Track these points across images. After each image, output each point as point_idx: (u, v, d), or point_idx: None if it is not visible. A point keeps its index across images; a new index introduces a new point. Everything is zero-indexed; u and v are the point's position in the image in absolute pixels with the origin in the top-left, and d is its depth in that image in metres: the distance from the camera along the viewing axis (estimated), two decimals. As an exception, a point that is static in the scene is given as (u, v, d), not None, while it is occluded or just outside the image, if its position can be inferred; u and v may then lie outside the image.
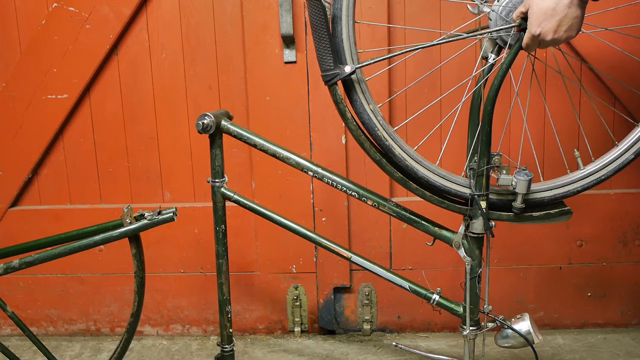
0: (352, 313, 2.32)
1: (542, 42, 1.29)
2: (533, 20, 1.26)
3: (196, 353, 2.23)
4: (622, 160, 1.46)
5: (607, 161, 1.47)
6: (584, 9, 1.25)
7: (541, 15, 1.25)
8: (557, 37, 1.27)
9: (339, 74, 1.41)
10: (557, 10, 1.23)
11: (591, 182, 1.48)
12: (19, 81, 2.21)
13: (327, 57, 1.40)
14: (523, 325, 1.53)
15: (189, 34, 2.19)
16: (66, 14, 2.15)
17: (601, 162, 1.48)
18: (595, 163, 1.48)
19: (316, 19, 1.39)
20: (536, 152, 2.16)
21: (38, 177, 2.31)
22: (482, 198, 1.46)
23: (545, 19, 1.24)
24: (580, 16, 1.25)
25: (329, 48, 1.39)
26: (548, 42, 1.28)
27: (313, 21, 1.40)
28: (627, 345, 2.15)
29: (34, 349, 2.27)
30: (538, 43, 1.30)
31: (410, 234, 2.21)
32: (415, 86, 2.15)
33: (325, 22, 1.38)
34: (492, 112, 1.41)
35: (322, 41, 1.39)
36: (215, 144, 1.58)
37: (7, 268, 1.65)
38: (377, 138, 1.45)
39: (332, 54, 1.40)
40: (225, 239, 1.64)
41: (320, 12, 1.37)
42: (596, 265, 2.23)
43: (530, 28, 1.28)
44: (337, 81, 1.42)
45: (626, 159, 1.45)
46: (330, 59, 1.40)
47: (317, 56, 1.42)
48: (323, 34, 1.38)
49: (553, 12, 1.23)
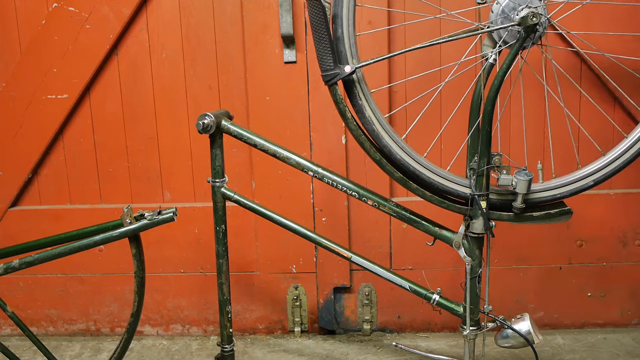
0: (352, 313, 2.32)
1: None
2: None
3: (196, 353, 2.23)
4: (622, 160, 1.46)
5: (607, 161, 1.47)
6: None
7: None
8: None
9: (339, 74, 1.41)
10: None
11: (591, 182, 1.48)
12: (19, 81, 2.21)
13: (327, 57, 1.40)
14: (523, 325, 1.53)
15: (189, 34, 2.19)
16: (66, 14, 2.15)
17: (601, 162, 1.47)
18: (596, 163, 1.48)
19: (316, 19, 1.39)
20: (536, 152, 2.16)
21: (38, 177, 2.31)
22: (482, 198, 1.46)
23: None
24: None
25: (329, 48, 1.39)
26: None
27: (313, 21, 1.40)
28: (627, 345, 2.15)
29: (34, 349, 2.27)
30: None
31: (410, 234, 2.21)
32: (415, 86, 2.15)
33: (325, 22, 1.38)
34: (493, 112, 1.41)
35: (322, 41, 1.39)
36: (216, 144, 1.58)
37: (7, 268, 1.65)
38: (376, 138, 1.45)
39: (332, 54, 1.40)
40: (225, 238, 1.64)
41: (320, 12, 1.37)
42: (596, 265, 2.23)
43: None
44: (337, 81, 1.42)
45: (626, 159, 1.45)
46: (330, 58, 1.40)
47: (317, 56, 1.42)
48: (323, 34, 1.38)
49: None
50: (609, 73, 2.03)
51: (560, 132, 2.12)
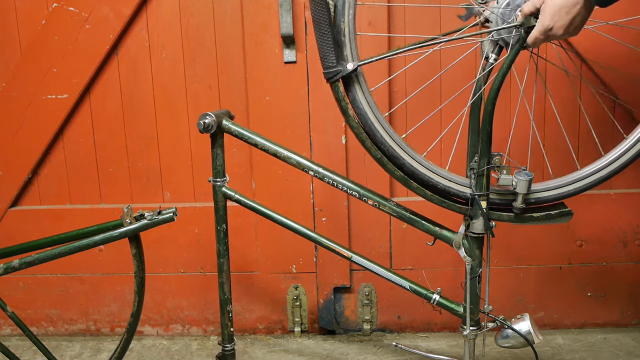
0: (352, 313, 2.32)
1: (551, 36, 1.31)
2: (547, 13, 1.28)
3: (196, 353, 2.23)
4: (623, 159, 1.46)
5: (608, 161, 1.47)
6: (590, 12, 1.30)
7: (557, 10, 1.27)
8: (566, 33, 1.30)
9: (342, 71, 1.41)
10: (572, 9, 1.27)
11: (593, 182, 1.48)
12: (19, 81, 2.21)
13: (329, 54, 1.40)
14: (523, 326, 1.53)
15: (189, 34, 2.19)
16: (66, 14, 2.15)
17: (602, 162, 1.47)
18: (596, 163, 1.48)
19: (319, 15, 1.38)
20: (537, 152, 2.16)
21: (38, 177, 2.31)
22: (482, 198, 1.46)
23: (560, 14, 1.27)
24: (586, 18, 1.30)
25: (332, 45, 1.39)
26: (556, 37, 1.32)
27: (315, 17, 1.39)
28: (627, 345, 2.15)
29: (34, 349, 2.27)
30: (546, 38, 1.32)
31: (410, 234, 2.21)
32: (415, 86, 2.14)
33: (328, 19, 1.37)
34: (493, 112, 1.41)
35: (324, 38, 1.39)
36: (217, 144, 1.58)
37: (7, 268, 1.65)
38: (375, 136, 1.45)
39: (334, 51, 1.40)
40: (226, 238, 1.64)
41: (323, 8, 1.37)
42: (596, 265, 2.23)
43: (543, 21, 1.29)
44: (339, 78, 1.42)
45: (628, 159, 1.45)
46: (332, 56, 1.40)
47: (319, 53, 1.42)
48: (326, 31, 1.38)
49: (569, 9, 1.27)
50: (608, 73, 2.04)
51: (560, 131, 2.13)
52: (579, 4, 1.26)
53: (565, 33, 1.30)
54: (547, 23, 1.29)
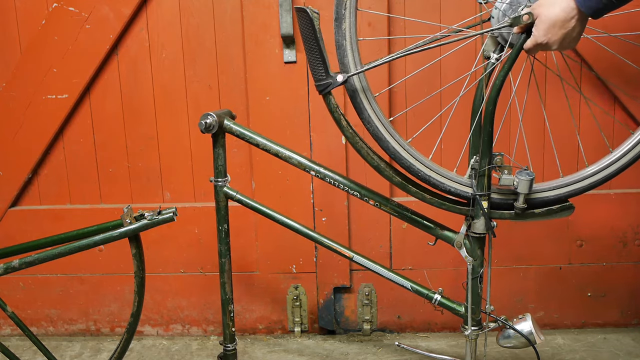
0: (352, 313, 2.32)
1: (544, 49, 1.30)
2: (540, 29, 1.27)
3: (196, 353, 2.23)
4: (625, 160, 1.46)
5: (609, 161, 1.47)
6: (585, 24, 1.27)
7: (550, 26, 1.25)
8: (560, 48, 1.29)
9: (332, 84, 1.41)
10: (566, 24, 1.24)
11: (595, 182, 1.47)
12: (19, 81, 2.21)
13: (318, 67, 1.41)
14: (525, 326, 1.53)
15: (189, 34, 2.18)
16: (66, 14, 2.15)
17: (604, 162, 1.47)
18: (599, 163, 1.48)
19: (306, 30, 1.39)
20: (537, 152, 2.16)
21: (38, 177, 2.31)
22: (483, 198, 1.46)
23: (554, 30, 1.25)
24: (582, 31, 1.28)
25: (320, 58, 1.40)
26: (549, 49, 1.30)
27: (303, 32, 1.41)
28: (627, 345, 2.16)
29: (34, 349, 2.27)
30: (540, 49, 1.31)
31: (411, 233, 2.21)
32: (416, 87, 2.15)
33: (314, 33, 1.38)
34: (494, 112, 1.41)
35: (312, 52, 1.40)
36: (218, 144, 1.58)
37: (7, 268, 1.65)
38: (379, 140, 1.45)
39: (322, 64, 1.40)
40: (227, 238, 1.64)
41: (308, 23, 1.37)
42: (596, 266, 2.24)
43: (536, 36, 1.28)
44: (330, 90, 1.42)
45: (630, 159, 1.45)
46: (322, 69, 1.41)
47: (309, 67, 1.43)
48: (313, 45, 1.39)
49: (562, 25, 1.25)
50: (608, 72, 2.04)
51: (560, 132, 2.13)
52: (574, 18, 1.23)
53: (561, 47, 1.28)
54: (541, 39, 1.27)
